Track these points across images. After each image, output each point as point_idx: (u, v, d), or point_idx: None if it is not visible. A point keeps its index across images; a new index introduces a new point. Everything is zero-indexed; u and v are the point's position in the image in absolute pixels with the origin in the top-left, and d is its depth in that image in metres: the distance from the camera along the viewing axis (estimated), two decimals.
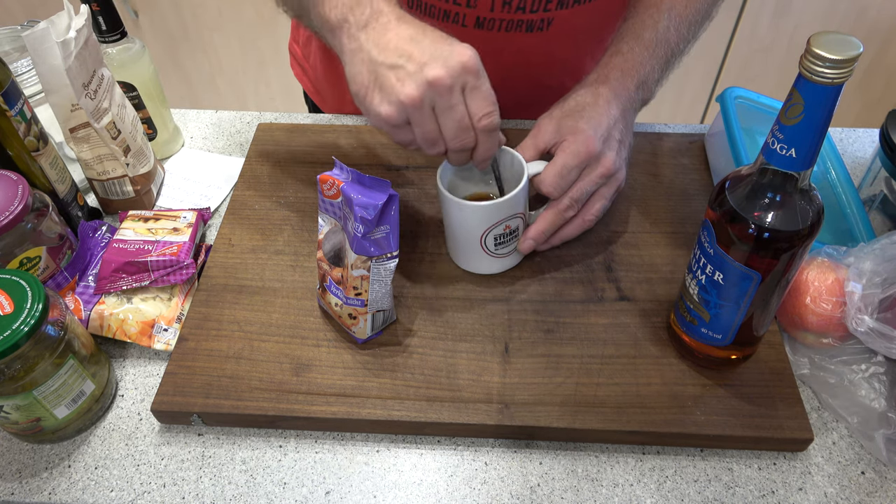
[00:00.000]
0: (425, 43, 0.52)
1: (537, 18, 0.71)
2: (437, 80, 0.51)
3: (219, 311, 0.62)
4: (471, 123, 0.53)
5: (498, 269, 0.65)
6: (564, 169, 0.60)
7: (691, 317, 0.55)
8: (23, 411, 0.52)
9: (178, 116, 0.87)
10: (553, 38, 0.74)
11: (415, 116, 0.53)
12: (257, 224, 0.70)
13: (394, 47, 0.52)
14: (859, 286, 0.54)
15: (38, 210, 0.60)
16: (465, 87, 0.52)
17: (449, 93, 0.51)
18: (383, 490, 0.53)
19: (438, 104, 0.52)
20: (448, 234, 0.65)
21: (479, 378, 0.57)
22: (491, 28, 0.72)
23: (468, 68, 0.51)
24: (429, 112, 0.53)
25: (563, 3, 0.70)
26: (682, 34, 0.69)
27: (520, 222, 0.61)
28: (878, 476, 0.54)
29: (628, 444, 0.56)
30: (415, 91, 0.51)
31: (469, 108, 0.53)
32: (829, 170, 0.73)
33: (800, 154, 0.42)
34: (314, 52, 0.90)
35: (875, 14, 1.61)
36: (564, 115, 0.63)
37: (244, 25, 1.77)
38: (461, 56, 0.51)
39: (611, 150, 0.62)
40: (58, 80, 0.62)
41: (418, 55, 0.51)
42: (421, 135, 0.54)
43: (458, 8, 0.70)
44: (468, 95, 0.53)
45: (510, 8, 0.70)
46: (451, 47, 0.52)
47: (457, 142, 0.54)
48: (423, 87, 0.51)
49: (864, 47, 0.39)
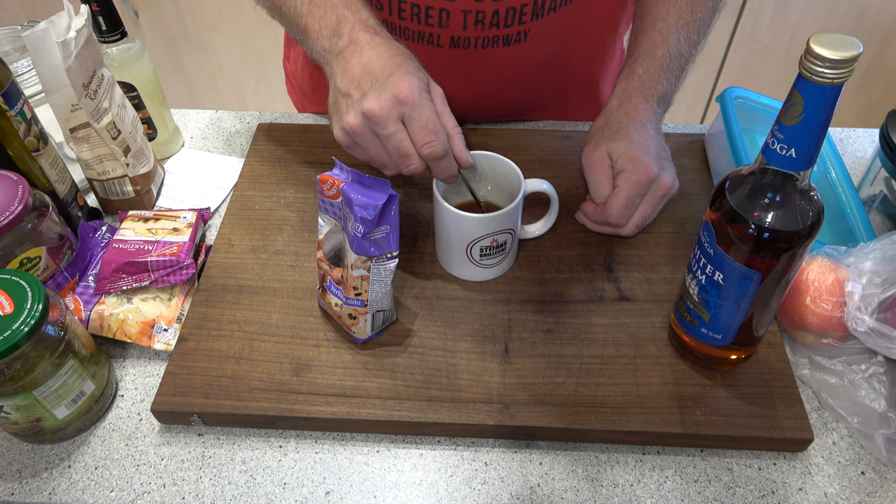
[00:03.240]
0: (375, 72, 0.55)
1: (513, 32, 0.71)
2: (370, 112, 0.54)
3: (219, 311, 0.62)
4: (413, 150, 0.56)
5: (483, 277, 0.64)
6: (629, 200, 0.63)
7: (691, 317, 0.55)
8: (23, 411, 0.52)
9: (178, 116, 0.87)
10: (532, 48, 0.74)
11: (359, 141, 0.57)
12: (257, 224, 0.70)
13: (351, 76, 0.56)
14: (859, 286, 0.54)
15: (38, 210, 0.60)
16: (403, 117, 0.55)
17: (384, 122, 0.54)
18: (383, 490, 0.53)
19: (377, 132, 0.55)
20: (437, 237, 0.65)
21: (479, 378, 0.57)
22: (467, 46, 0.72)
23: (401, 100, 0.54)
24: (370, 138, 0.56)
25: (538, 13, 0.70)
26: (693, 40, 0.69)
27: (508, 237, 0.61)
28: (878, 476, 0.54)
29: (628, 444, 0.56)
30: (354, 120, 0.55)
31: (411, 136, 0.55)
32: (829, 170, 0.73)
33: (800, 154, 0.42)
34: (300, 68, 0.90)
35: (875, 14, 1.61)
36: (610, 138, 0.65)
37: (244, 25, 1.77)
38: (395, 88, 0.54)
39: (665, 171, 0.64)
40: (58, 80, 0.62)
41: (364, 84, 0.55)
42: (370, 158, 0.58)
43: (431, 29, 0.70)
44: (407, 125, 0.55)
45: (483, 26, 0.69)
46: (390, 78, 0.54)
47: (403, 166, 0.57)
48: (360, 118, 0.55)
49: (864, 47, 0.39)
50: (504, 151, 0.66)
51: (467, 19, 0.69)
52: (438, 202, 0.59)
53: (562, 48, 0.76)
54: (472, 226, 0.59)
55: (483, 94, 0.79)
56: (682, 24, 0.68)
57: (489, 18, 0.69)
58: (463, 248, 0.61)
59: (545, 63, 0.77)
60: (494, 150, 0.63)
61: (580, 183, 0.73)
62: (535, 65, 0.77)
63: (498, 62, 0.74)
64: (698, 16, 0.69)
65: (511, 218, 0.60)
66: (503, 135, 0.79)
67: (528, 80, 0.79)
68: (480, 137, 0.79)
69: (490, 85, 0.78)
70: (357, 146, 0.58)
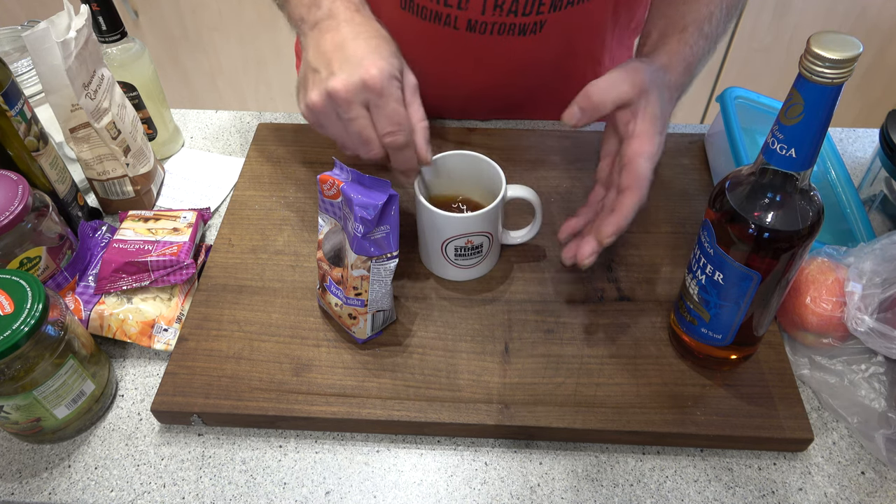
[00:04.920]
0: (347, 51, 0.54)
1: (530, 21, 0.71)
2: (334, 93, 0.53)
3: (219, 311, 0.62)
4: (375, 137, 0.55)
5: (460, 277, 0.64)
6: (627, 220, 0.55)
7: (691, 317, 0.55)
8: (23, 411, 0.52)
9: (178, 116, 0.87)
10: (546, 41, 0.74)
11: (322, 120, 0.56)
12: (257, 224, 0.70)
13: (322, 51, 0.55)
14: (859, 286, 0.55)
15: (38, 210, 0.60)
16: (368, 103, 0.54)
17: (347, 105, 0.53)
18: (383, 490, 0.53)
19: (339, 114, 0.55)
20: (418, 232, 0.65)
21: (478, 378, 0.57)
22: (483, 31, 0.71)
23: (368, 86, 0.53)
24: (334, 119, 0.55)
25: (556, 5, 0.70)
26: (724, 29, 0.66)
27: (485, 240, 0.61)
28: (878, 476, 0.54)
29: (628, 444, 0.56)
30: (317, 98, 0.54)
31: (374, 123, 0.55)
32: (829, 170, 0.73)
33: (800, 154, 0.42)
34: None
35: (875, 14, 1.61)
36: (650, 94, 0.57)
37: (244, 25, 1.77)
38: (365, 73, 0.53)
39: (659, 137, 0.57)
40: (58, 80, 0.62)
41: (334, 63, 0.54)
42: (332, 137, 0.57)
43: (449, 10, 0.70)
44: (372, 112, 0.54)
45: (501, 11, 0.69)
46: (362, 61, 0.53)
47: (363, 152, 0.57)
48: (323, 97, 0.54)
49: (864, 47, 0.39)
50: (504, 151, 0.66)
51: (486, 3, 0.69)
52: (418, 197, 0.59)
53: (573, 45, 0.76)
54: (445, 224, 0.59)
55: (490, 84, 0.78)
56: (725, 5, 0.64)
57: (508, 4, 0.69)
58: (438, 246, 0.61)
59: (555, 59, 0.77)
60: (494, 150, 0.63)
61: (580, 183, 0.73)
62: (546, 60, 0.77)
63: (511, 52, 0.74)
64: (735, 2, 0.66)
65: (487, 221, 0.59)
66: (503, 135, 0.79)
67: (536, 75, 0.79)
68: (480, 137, 0.79)
69: (499, 74, 0.77)
70: (320, 125, 0.57)
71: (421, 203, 0.59)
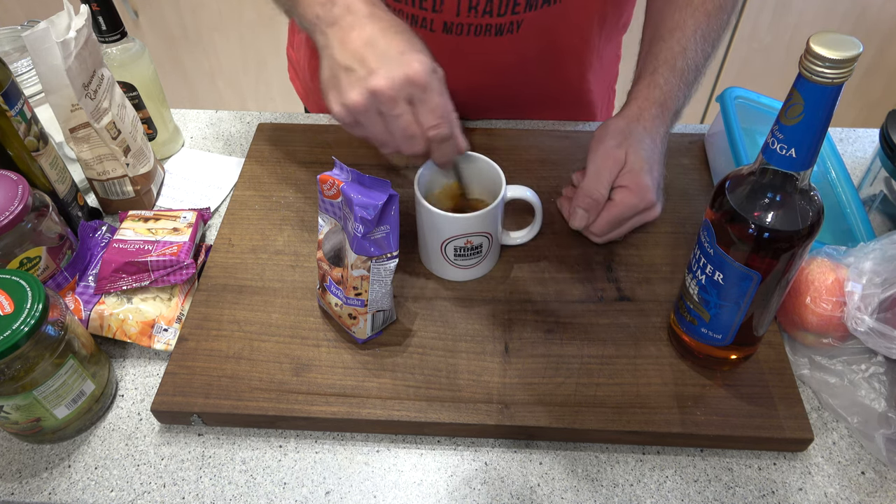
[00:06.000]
0: (380, 47, 0.53)
1: (506, 21, 0.70)
2: (379, 91, 0.52)
3: (219, 311, 0.62)
4: (419, 132, 0.54)
5: (460, 277, 0.64)
6: (618, 220, 0.63)
7: (691, 317, 0.55)
8: (23, 411, 0.52)
9: (178, 116, 0.87)
10: (524, 41, 0.73)
11: (362, 119, 0.54)
12: (257, 224, 0.70)
13: (352, 49, 0.53)
14: (859, 286, 0.54)
15: (38, 210, 0.60)
16: (412, 98, 0.53)
17: (392, 102, 0.52)
18: (383, 490, 0.53)
19: (383, 112, 0.53)
20: (417, 233, 0.65)
21: (478, 378, 0.57)
22: (459, 32, 0.71)
23: (413, 81, 0.52)
24: (375, 117, 0.54)
25: (532, 4, 0.69)
26: (707, 53, 0.68)
27: (485, 240, 0.61)
28: (878, 476, 0.54)
29: (628, 444, 0.56)
30: (359, 98, 0.53)
31: (418, 118, 0.54)
32: (829, 170, 0.73)
33: (800, 154, 0.42)
34: (303, 56, 0.90)
35: (875, 14, 1.61)
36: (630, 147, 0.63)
37: (244, 25, 1.77)
38: (407, 68, 0.52)
39: (658, 201, 0.63)
40: (58, 80, 0.62)
41: (370, 60, 0.52)
42: (371, 136, 0.56)
43: (425, 13, 0.69)
44: (416, 107, 0.53)
45: (476, 12, 0.69)
46: (402, 56, 0.52)
47: (405, 148, 0.56)
48: (366, 95, 0.52)
49: (864, 47, 0.39)
50: (504, 151, 0.66)
51: (461, 5, 0.68)
52: (417, 197, 0.59)
53: (553, 44, 0.76)
54: (445, 224, 0.59)
55: (472, 84, 0.78)
56: (699, 35, 0.66)
57: (482, 5, 0.68)
58: (438, 246, 0.61)
59: (537, 58, 0.77)
60: (494, 150, 0.63)
61: None
62: (527, 59, 0.77)
63: (490, 52, 0.74)
64: (714, 27, 0.67)
65: (487, 221, 0.59)
66: (503, 135, 0.79)
67: (518, 74, 0.78)
68: (480, 137, 0.79)
69: (480, 74, 0.77)
70: (358, 124, 0.55)
71: (421, 203, 0.59)
